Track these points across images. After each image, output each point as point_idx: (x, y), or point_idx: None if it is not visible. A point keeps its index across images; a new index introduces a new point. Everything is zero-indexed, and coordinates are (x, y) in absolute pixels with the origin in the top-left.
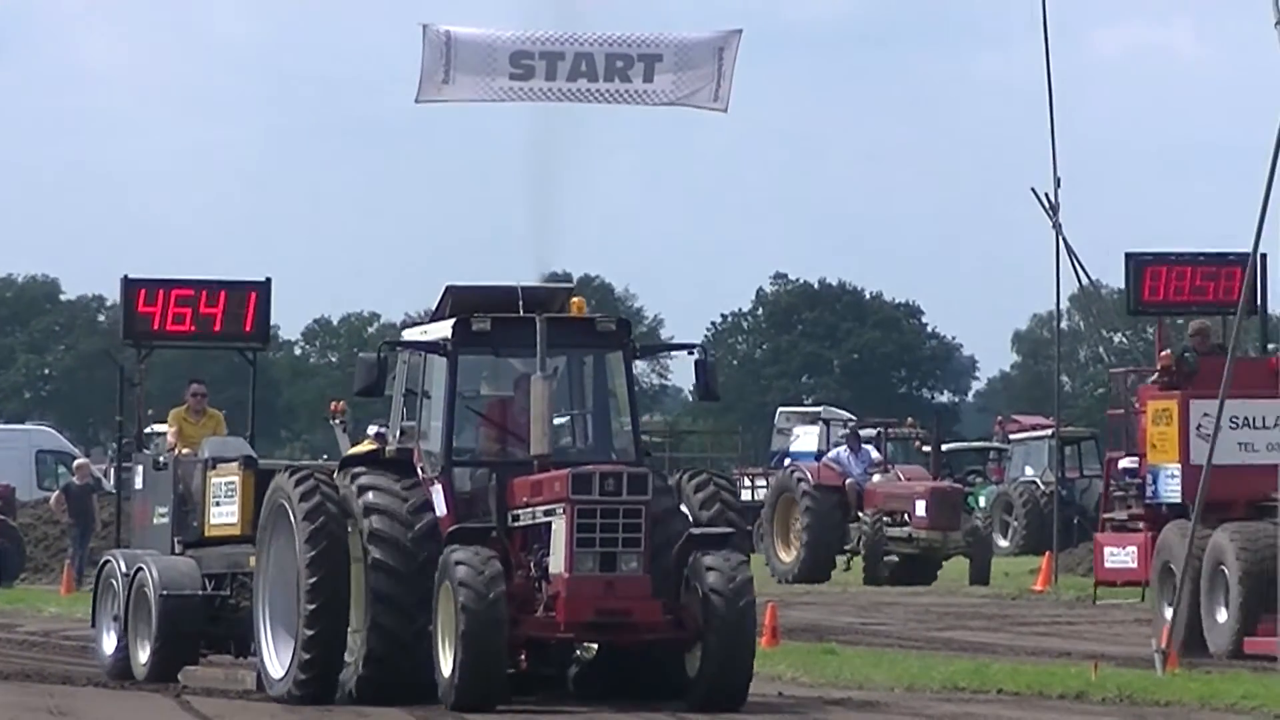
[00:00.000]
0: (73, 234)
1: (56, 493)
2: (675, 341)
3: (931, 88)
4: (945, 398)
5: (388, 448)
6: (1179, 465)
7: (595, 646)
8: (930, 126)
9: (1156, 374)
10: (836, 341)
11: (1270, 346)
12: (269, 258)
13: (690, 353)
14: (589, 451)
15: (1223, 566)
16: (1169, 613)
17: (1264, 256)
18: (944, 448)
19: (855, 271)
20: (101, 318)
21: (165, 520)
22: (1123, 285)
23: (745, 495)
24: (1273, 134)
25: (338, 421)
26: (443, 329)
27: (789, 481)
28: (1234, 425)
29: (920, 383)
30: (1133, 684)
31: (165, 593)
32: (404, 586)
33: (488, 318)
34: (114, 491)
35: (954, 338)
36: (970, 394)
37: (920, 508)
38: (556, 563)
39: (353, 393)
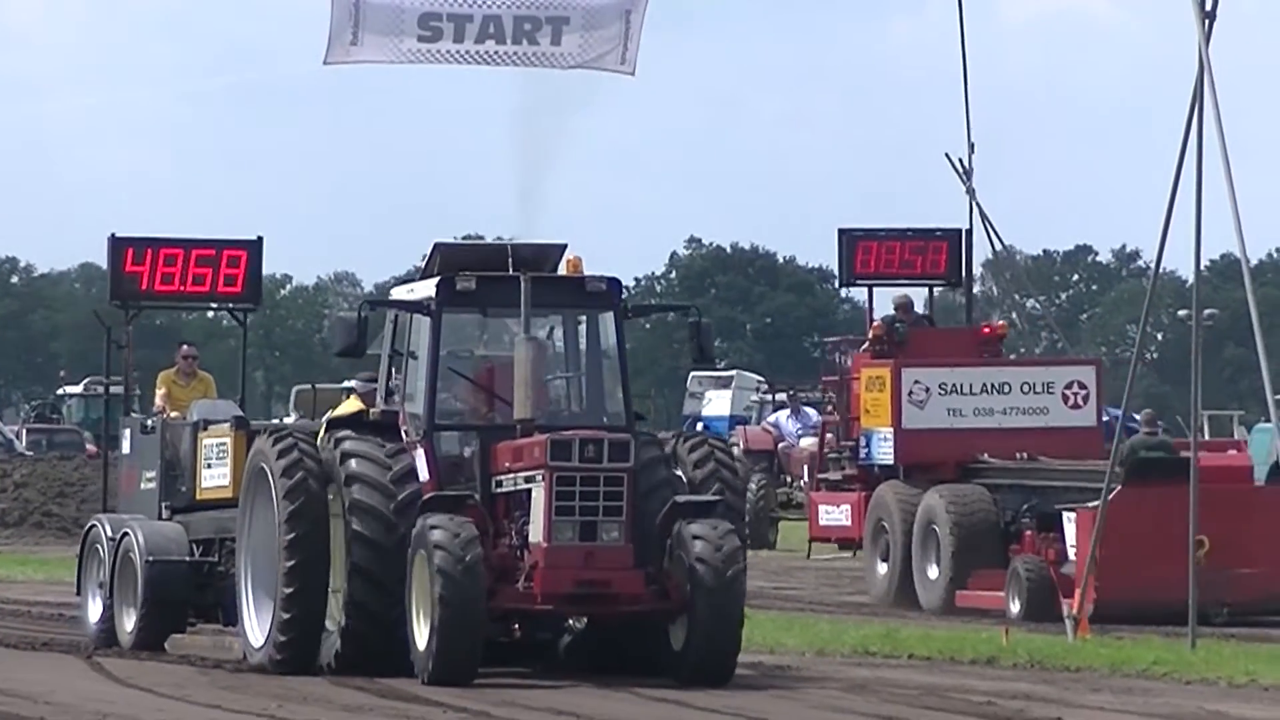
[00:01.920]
0: None
1: None
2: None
3: (845, 51)
4: None
5: (372, 410)
6: (891, 429)
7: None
8: (844, 91)
9: (868, 343)
10: (749, 305)
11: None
12: (186, 217)
13: (686, 314)
14: (579, 415)
15: (934, 525)
16: (881, 568)
17: (968, 232)
18: None
19: (768, 235)
20: (15, 279)
21: (153, 485)
22: (1038, 250)
23: None
24: (1188, 95)
25: None
26: (427, 287)
27: None
28: (943, 392)
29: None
30: (1043, 649)
31: (151, 559)
32: (384, 560)
33: (473, 276)
34: (26, 453)
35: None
36: None
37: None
38: (536, 532)
39: (332, 354)
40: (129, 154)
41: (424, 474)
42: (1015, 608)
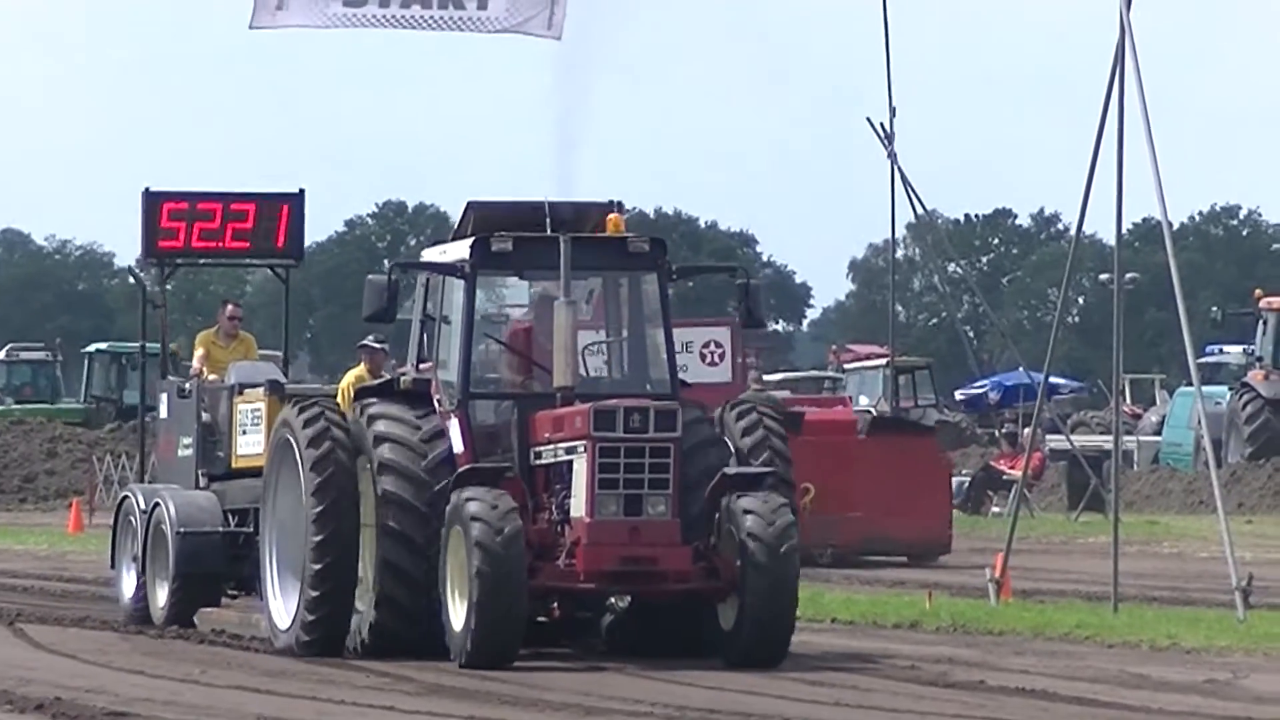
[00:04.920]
0: None
1: None
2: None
3: (768, 16)
4: (780, 326)
5: (403, 378)
6: None
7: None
8: (767, 55)
9: None
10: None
11: None
12: (107, 184)
13: (733, 275)
14: (621, 382)
15: None
16: None
17: (619, 203)
18: (778, 376)
19: (690, 201)
20: None
21: (190, 452)
22: (959, 215)
23: None
24: (1108, 59)
25: None
26: (461, 249)
27: None
28: (591, 352)
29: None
30: (966, 613)
31: (183, 530)
32: (417, 522)
33: (509, 237)
34: None
35: (789, 266)
36: (805, 323)
37: None
38: (578, 506)
39: (361, 318)
40: (51, 120)
41: (458, 445)
42: None
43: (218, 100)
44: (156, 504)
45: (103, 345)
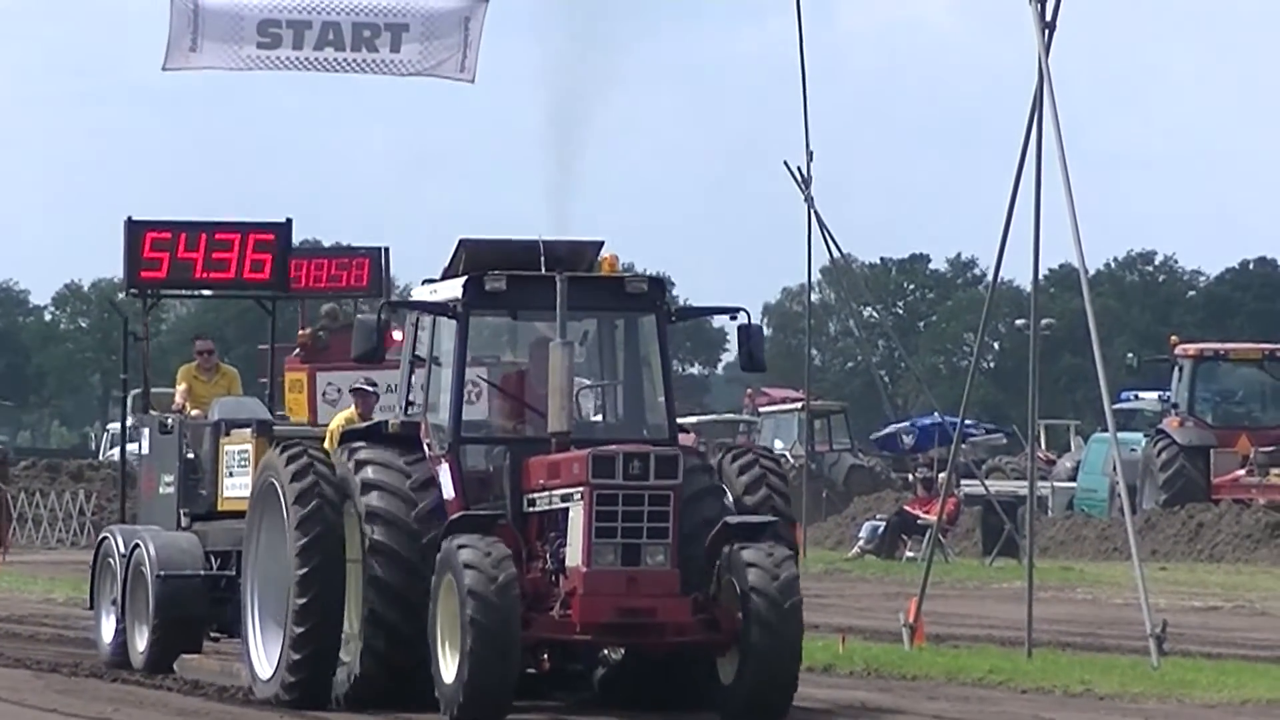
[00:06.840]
0: None
1: None
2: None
3: (685, 59)
4: (695, 369)
5: (391, 421)
6: (309, 425)
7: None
8: (683, 98)
9: (297, 349)
10: None
11: None
12: (21, 221)
13: (733, 317)
14: (617, 427)
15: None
16: None
17: (386, 249)
18: (693, 420)
19: (607, 242)
20: None
21: (171, 490)
22: (875, 259)
23: None
24: (1024, 104)
25: None
26: (453, 288)
27: None
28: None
29: (670, 354)
30: (880, 657)
31: (163, 573)
32: (405, 571)
33: (503, 276)
34: None
35: None
36: (720, 366)
37: None
38: (573, 555)
39: (350, 358)
40: None
41: (449, 491)
42: None
43: (139, 138)
44: (136, 545)
45: None
